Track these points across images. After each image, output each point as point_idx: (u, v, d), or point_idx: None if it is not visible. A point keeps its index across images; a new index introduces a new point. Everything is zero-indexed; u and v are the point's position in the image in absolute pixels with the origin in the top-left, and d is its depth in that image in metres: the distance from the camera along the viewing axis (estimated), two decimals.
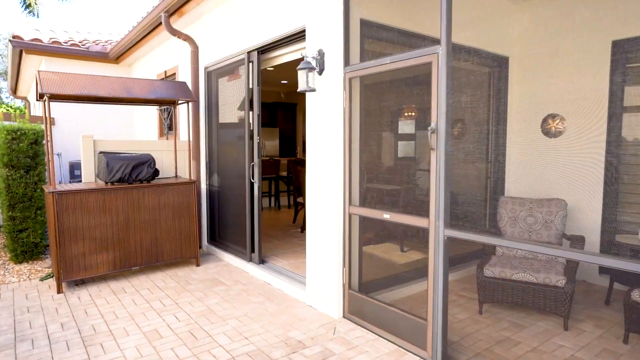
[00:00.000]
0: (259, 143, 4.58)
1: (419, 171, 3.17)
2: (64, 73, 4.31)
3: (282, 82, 10.60)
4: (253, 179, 4.63)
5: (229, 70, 5.07)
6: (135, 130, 8.49)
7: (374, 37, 3.40)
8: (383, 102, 3.46)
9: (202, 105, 5.56)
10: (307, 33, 3.66)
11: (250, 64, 4.59)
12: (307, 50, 3.64)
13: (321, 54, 3.49)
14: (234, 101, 5.04)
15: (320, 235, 3.64)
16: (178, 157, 5.41)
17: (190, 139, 5.43)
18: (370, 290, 3.50)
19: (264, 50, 4.45)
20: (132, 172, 4.47)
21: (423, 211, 2.84)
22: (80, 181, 6.41)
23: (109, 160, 4.36)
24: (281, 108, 11.43)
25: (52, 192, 4.00)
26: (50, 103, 4.26)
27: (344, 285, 3.48)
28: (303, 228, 6.49)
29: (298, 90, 3.41)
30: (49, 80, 4.08)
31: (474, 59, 4.37)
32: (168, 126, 6.87)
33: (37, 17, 18.59)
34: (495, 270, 3.49)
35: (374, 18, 3.38)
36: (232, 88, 5.02)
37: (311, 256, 3.76)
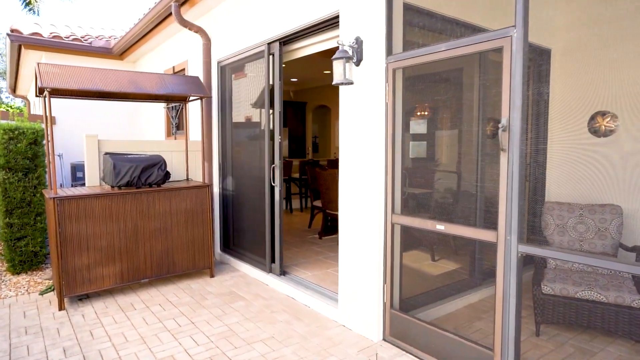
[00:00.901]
0: (280, 143, 4.16)
1: (479, 175, 2.77)
2: (66, 65, 3.91)
3: (292, 79, 10.20)
4: (274, 182, 4.22)
5: (246, 64, 4.66)
6: (139, 130, 8.08)
7: (419, 24, 2.99)
8: (430, 96, 3.05)
9: (215, 103, 5.15)
10: (341, 19, 3.25)
11: (271, 56, 4.18)
12: (341, 38, 3.23)
13: (359, 42, 3.08)
14: (251, 98, 4.63)
15: (356, 246, 3.24)
16: (189, 158, 4.99)
17: (202, 139, 5.02)
18: (411, 308, 3.10)
19: (286, 41, 4.04)
20: (141, 175, 4.06)
21: (489, 223, 2.43)
22: (84, 184, 6.01)
23: (116, 162, 3.95)
24: (290, 107, 11.03)
25: (54, 197, 3.59)
26: (51, 100, 3.84)
27: (385, 304, 3.07)
28: (321, 234, 6.08)
29: (333, 83, 3.00)
30: (49, 74, 3.67)
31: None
32: (176, 125, 6.46)
33: (38, 14, 18.15)
34: (555, 287, 3.08)
35: (419, 3, 2.97)
36: (249, 84, 4.61)
37: (345, 270, 3.35)
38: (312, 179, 6.89)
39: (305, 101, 11.31)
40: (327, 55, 7.27)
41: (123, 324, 3.40)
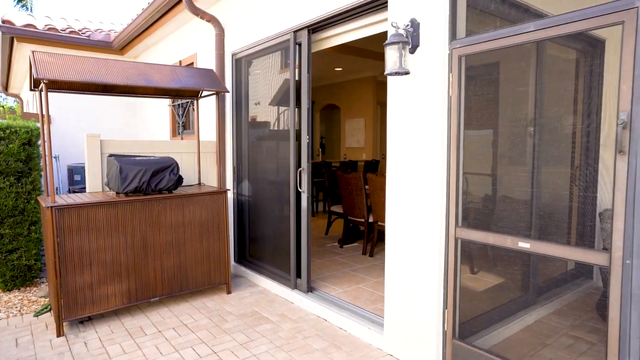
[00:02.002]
0: (308, 144, 3.69)
1: (581, 182, 2.30)
2: (65, 55, 3.41)
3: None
4: (301, 187, 3.75)
5: (266, 56, 4.19)
6: (141, 130, 7.57)
7: (488, 4, 2.53)
8: (508, 87, 2.59)
9: (229, 99, 4.67)
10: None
11: (297, 46, 3.71)
12: (393, 20, 2.77)
13: (414, 25, 2.61)
14: (271, 93, 4.15)
15: (407, 264, 2.77)
16: (198, 160, 4.51)
17: (217, 139, 4.55)
18: (469, 334, 2.63)
19: (315, 28, 3.57)
20: (150, 180, 3.57)
21: (590, 241, 1.98)
22: (82, 189, 5.50)
23: (123, 165, 3.46)
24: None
25: (51, 206, 3.10)
26: (48, 95, 3.35)
27: (445, 332, 2.61)
28: (341, 242, 5.61)
29: (386, 72, 2.54)
30: (46, 63, 3.18)
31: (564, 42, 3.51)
32: (183, 124, 5.96)
33: (30, 11, 17.55)
34: None
35: None
36: (270, 77, 4.14)
37: (393, 290, 2.88)
38: (330, 183, 6.42)
39: (313, 100, 10.84)
40: (342, 50, 6.81)
41: (133, 355, 2.91)
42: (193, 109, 5.77)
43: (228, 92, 3.95)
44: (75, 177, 6.04)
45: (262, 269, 4.38)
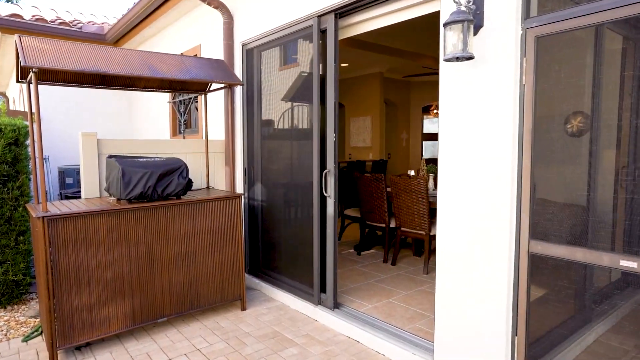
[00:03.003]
0: (335, 143, 3.29)
1: None
2: (58, 41, 2.96)
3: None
4: (326, 191, 3.34)
5: (282, 45, 3.77)
6: (137, 129, 7.09)
7: None
8: (605, 74, 2.20)
9: (239, 94, 4.25)
10: None
11: (322, 33, 3.30)
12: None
13: (478, 1, 2.22)
14: (289, 87, 3.74)
15: (465, 282, 2.38)
16: (204, 161, 4.07)
17: (231, 138, 4.12)
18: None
19: (344, 12, 3.17)
20: (157, 185, 3.14)
21: None
22: (76, 193, 5.02)
23: (126, 168, 3.02)
24: None
25: (43, 216, 2.65)
26: (38, 87, 2.90)
27: None
28: (358, 248, 5.21)
29: (445, 58, 2.15)
30: (36, 50, 2.73)
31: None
32: (185, 123, 5.51)
33: (16, 2, 16.89)
34: None
35: None
36: (288, 70, 3.72)
37: (446, 311, 2.49)
38: (342, 185, 6.01)
39: None
40: (348, 43, 6.39)
41: None
42: (196, 108, 5.32)
43: (242, 84, 3.53)
44: (67, 181, 5.55)
45: (279, 282, 3.96)
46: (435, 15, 2.65)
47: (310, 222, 3.52)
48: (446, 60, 2.17)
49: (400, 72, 9.17)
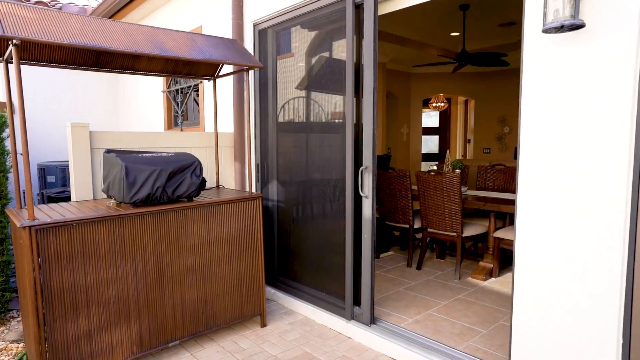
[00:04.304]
0: (373, 135, 2.85)
1: None
2: (45, 9, 2.43)
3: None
4: (362, 191, 2.91)
5: (305, 23, 3.30)
6: (125, 122, 6.48)
7: None
8: None
9: (252, 81, 3.76)
10: None
11: (357, 9, 2.85)
12: None
13: None
14: (314, 72, 3.28)
15: (558, 299, 1.99)
16: (210, 156, 3.57)
17: (247, 130, 3.63)
18: None
19: None
20: (167, 185, 2.64)
21: None
22: (64, 197, 4.44)
23: (130, 165, 2.51)
24: None
25: (30, 225, 2.13)
26: (20, 67, 2.36)
27: None
28: (377, 251, 4.81)
29: (544, 27, 1.74)
30: (18, 18, 2.19)
31: None
32: (182, 114, 4.98)
33: None
34: None
35: None
36: (312, 52, 3.26)
37: (529, 335, 2.10)
38: None
39: None
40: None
41: None
42: (195, 101, 4.80)
43: (262, 67, 3.05)
44: (49, 179, 4.95)
45: (299, 292, 3.52)
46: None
47: (341, 225, 3.08)
48: (545, 30, 1.76)
49: (403, 63, 8.79)
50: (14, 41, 2.06)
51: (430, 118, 11.82)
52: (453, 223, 3.92)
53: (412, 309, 3.32)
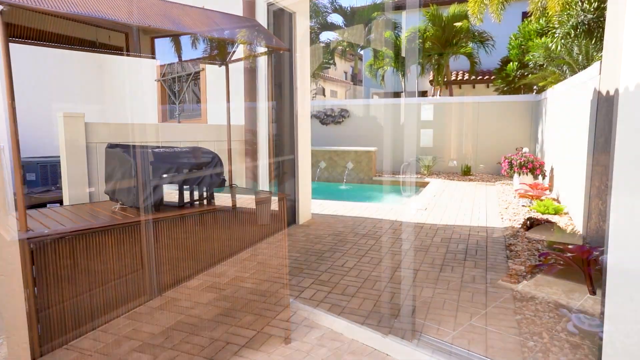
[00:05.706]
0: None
1: None
2: None
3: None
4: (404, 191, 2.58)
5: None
6: (112, 113, 5.95)
7: None
8: None
9: (263, 68, 3.38)
10: None
11: None
12: None
13: None
14: (341, 59, 2.92)
15: None
16: (228, 153, 3.19)
17: (244, 123, 3.25)
18: None
19: None
20: (183, 185, 2.25)
21: None
22: (50, 197, 3.94)
23: (142, 162, 2.11)
24: None
25: (26, 239, 1.72)
26: (7, 38, 1.92)
27: None
28: None
29: None
30: None
31: None
32: (179, 104, 4.54)
33: None
34: None
35: None
36: (343, 36, 2.90)
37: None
38: None
39: None
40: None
41: None
42: (194, 91, 4.37)
43: (289, 50, 2.68)
44: (28, 177, 4.44)
45: (322, 301, 3.18)
46: None
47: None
48: None
49: None
50: (3, 5, 1.63)
51: (426, 111, 11.59)
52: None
53: (450, 319, 3.02)
